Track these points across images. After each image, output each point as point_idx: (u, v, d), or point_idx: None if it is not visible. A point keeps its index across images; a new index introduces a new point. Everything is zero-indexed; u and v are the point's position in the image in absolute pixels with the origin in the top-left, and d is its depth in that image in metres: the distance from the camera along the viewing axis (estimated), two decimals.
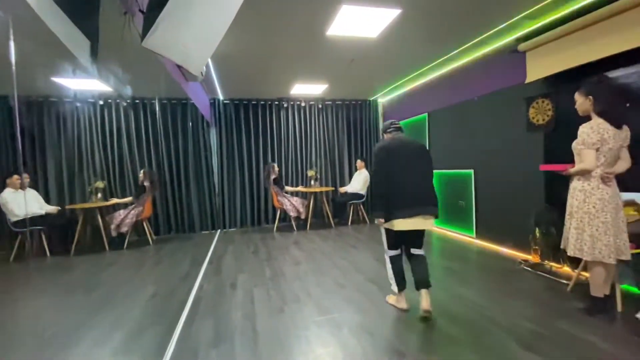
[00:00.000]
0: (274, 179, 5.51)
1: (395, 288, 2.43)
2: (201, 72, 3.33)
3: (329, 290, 2.90)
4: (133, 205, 4.85)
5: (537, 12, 2.96)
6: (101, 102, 5.31)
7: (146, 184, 4.93)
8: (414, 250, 2.37)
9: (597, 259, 2.12)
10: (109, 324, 2.44)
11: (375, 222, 2.33)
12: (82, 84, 4.54)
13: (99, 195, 5.03)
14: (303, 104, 6.35)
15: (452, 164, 4.74)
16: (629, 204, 2.49)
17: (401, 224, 2.21)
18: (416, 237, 2.34)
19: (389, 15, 2.91)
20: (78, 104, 5.21)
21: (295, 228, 5.69)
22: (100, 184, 5.08)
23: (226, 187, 5.99)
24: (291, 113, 6.32)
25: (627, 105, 2.55)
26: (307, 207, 5.73)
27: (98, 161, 5.33)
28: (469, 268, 3.34)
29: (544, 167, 2.65)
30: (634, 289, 2.60)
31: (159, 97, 5.53)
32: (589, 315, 2.24)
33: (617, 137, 2.11)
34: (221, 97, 5.88)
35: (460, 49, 3.88)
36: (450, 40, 3.64)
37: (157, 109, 5.52)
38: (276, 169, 5.63)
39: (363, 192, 5.87)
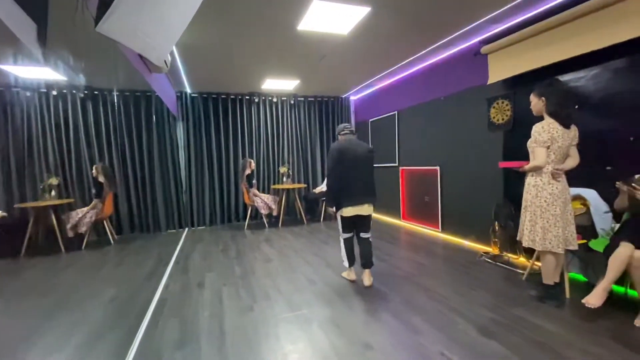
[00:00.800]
0: (247, 175, 5.40)
1: (346, 264, 2.97)
2: (166, 63, 3.18)
3: (299, 287, 2.90)
4: (90, 205, 4.55)
5: (497, 17, 3.11)
6: (54, 93, 4.92)
7: (101, 179, 4.63)
8: (362, 234, 2.89)
9: (547, 249, 2.29)
10: (64, 329, 2.28)
11: (329, 210, 2.70)
12: (32, 72, 4.17)
13: (53, 192, 4.68)
14: (275, 100, 6.26)
15: (420, 161, 4.90)
16: (576, 198, 2.70)
17: (349, 211, 2.76)
18: (363, 223, 2.86)
19: (359, 12, 2.93)
20: (28, 94, 4.79)
21: (267, 225, 5.62)
22: (53, 181, 4.72)
23: (194, 184, 5.78)
24: (262, 108, 6.21)
25: (576, 107, 2.76)
26: (279, 204, 5.68)
27: (52, 156, 4.94)
28: (435, 261, 3.47)
29: (503, 164, 2.80)
30: (581, 277, 2.83)
31: (121, 88, 5.21)
32: (541, 302, 2.41)
33: (565, 136, 2.28)
34: (189, 90, 5.66)
35: (428, 49, 3.99)
36: (417, 40, 3.73)
37: (115, 100, 5.19)
38: (252, 165, 5.51)
39: None
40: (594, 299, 2.01)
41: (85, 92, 5.04)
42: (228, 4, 2.70)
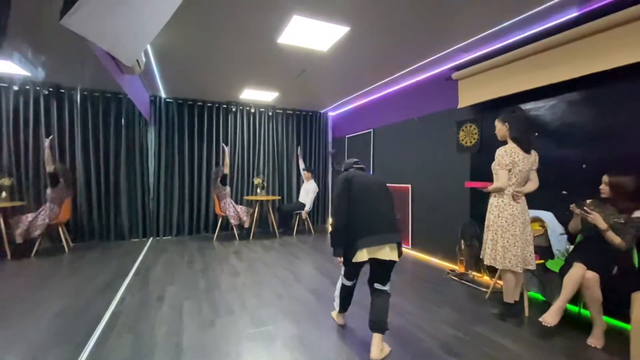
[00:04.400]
0: (221, 179, 5.27)
1: (337, 307, 2.37)
2: (139, 64, 3.09)
3: (266, 302, 2.80)
4: (42, 207, 4.22)
5: (467, 46, 3.31)
6: (16, 88, 4.62)
7: (60, 178, 4.32)
8: (378, 286, 2.07)
9: (507, 268, 2.38)
10: None
11: (336, 262, 2.11)
12: None
13: (4, 194, 4.32)
14: (253, 110, 6.23)
15: (393, 179, 5.00)
16: (535, 220, 2.85)
17: (362, 255, 1.95)
18: (381, 271, 2.05)
19: (339, 31, 3.01)
20: None
21: (237, 237, 5.46)
22: (6, 181, 4.37)
23: (162, 191, 5.54)
24: (240, 118, 6.15)
25: (536, 134, 2.94)
26: (252, 215, 5.56)
27: (6, 155, 4.59)
28: (404, 278, 3.50)
29: (469, 184, 2.91)
30: (539, 296, 2.95)
31: (90, 87, 4.97)
32: (502, 320, 2.47)
33: (526, 161, 2.42)
34: (163, 95, 5.51)
35: (403, 72, 4.16)
36: (393, 63, 3.88)
37: (79, 99, 4.93)
38: (227, 158, 5.39)
39: (307, 202, 5.90)
40: (550, 317, 2.09)
41: (50, 89, 4.78)
42: (208, 10, 2.69)
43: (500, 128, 2.56)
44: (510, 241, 2.37)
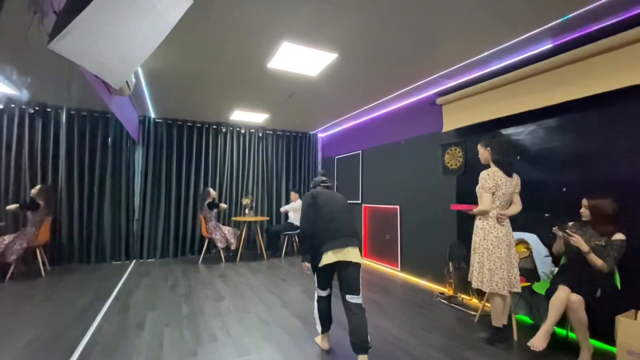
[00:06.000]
0: (209, 203, 5.17)
1: (319, 328, 2.35)
2: (129, 86, 3.10)
3: (250, 328, 2.71)
4: (21, 230, 4.06)
5: (450, 73, 3.46)
6: (0, 106, 4.55)
7: (40, 202, 4.20)
8: (349, 298, 2.09)
9: (494, 291, 2.38)
10: None
11: (304, 268, 2.26)
12: None
13: None
14: (243, 131, 6.27)
15: (382, 200, 5.03)
16: (521, 242, 2.88)
17: (328, 257, 2.09)
18: (348, 276, 2.11)
19: (327, 58, 3.11)
20: None
21: (223, 260, 5.33)
22: None
23: (148, 212, 5.42)
24: (230, 139, 6.17)
25: (518, 157, 3.04)
26: (239, 237, 5.47)
27: None
28: (392, 300, 3.45)
29: (454, 207, 2.95)
30: (527, 319, 2.94)
31: (77, 107, 4.94)
32: (490, 344, 2.44)
33: (508, 184, 2.48)
34: (153, 115, 5.51)
35: (390, 96, 4.29)
36: (380, 88, 4.01)
37: (63, 119, 4.88)
38: (212, 194, 5.31)
39: (298, 223, 5.84)
40: (538, 341, 2.07)
41: (36, 108, 4.72)
42: (199, 35, 2.75)
43: (483, 152, 2.65)
44: (496, 264, 2.39)
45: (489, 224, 2.47)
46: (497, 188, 2.45)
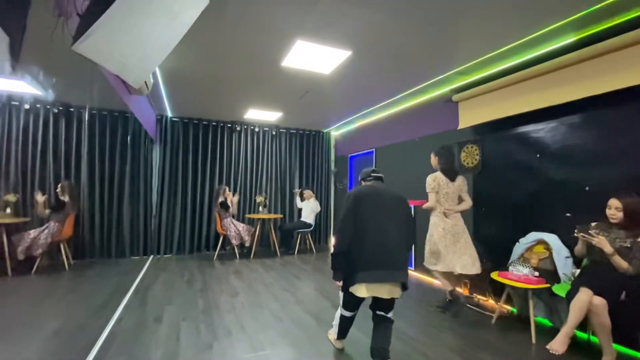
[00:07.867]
0: (221, 202, 5.26)
1: (335, 332, 2.27)
2: (147, 86, 3.18)
3: (264, 324, 2.74)
4: (46, 225, 4.23)
5: (467, 70, 3.38)
6: (27, 106, 4.75)
7: (65, 199, 4.36)
8: (380, 312, 1.97)
9: (435, 269, 3.01)
10: None
11: (335, 284, 2.01)
12: (4, 84, 4.04)
13: (8, 210, 4.36)
14: (257, 129, 6.33)
15: None
16: (540, 242, 2.80)
17: (362, 291, 1.81)
18: (382, 303, 1.91)
19: (341, 55, 3.10)
20: None
21: (238, 256, 5.40)
22: (11, 197, 4.42)
23: (165, 209, 5.55)
24: (244, 137, 6.24)
25: (537, 155, 2.95)
26: (253, 235, 5.53)
27: (13, 171, 4.66)
28: (407, 301, 3.41)
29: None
30: (546, 321, 2.85)
31: (98, 106, 5.10)
32: (442, 312, 3.00)
33: (450, 185, 3.02)
34: (169, 114, 5.63)
35: (404, 94, 4.23)
36: (394, 85, 3.96)
37: (85, 118, 5.04)
38: (227, 192, 5.39)
39: (311, 221, 5.86)
40: (557, 344, 2.01)
41: (60, 107, 4.91)
42: (215, 35, 2.79)
43: (433, 159, 3.17)
44: (443, 251, 2.93)
45: (438, 217, 3.03)
46: (439, 188, 3.00)
